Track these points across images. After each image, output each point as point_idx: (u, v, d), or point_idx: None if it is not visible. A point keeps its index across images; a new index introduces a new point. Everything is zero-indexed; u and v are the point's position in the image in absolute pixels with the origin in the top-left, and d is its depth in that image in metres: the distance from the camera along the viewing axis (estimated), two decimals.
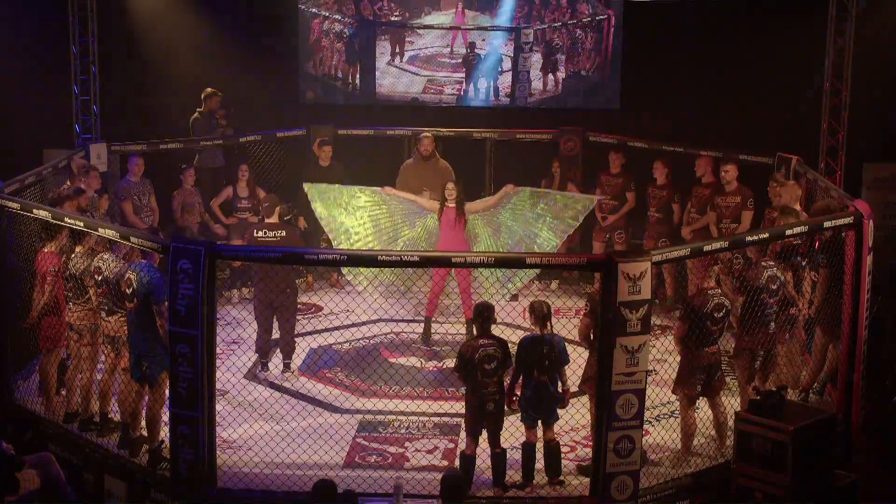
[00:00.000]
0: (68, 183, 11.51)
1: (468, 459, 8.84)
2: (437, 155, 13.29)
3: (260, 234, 10.94)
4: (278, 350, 11.12)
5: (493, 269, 10.85)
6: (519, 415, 8.97)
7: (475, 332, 9.00)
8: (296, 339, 11.14)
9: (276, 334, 11.11)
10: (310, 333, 11.91)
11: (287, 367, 11.01)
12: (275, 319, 10.97)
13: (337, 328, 12.28)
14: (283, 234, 10.93)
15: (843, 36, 14.08)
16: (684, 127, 14.47)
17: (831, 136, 14.35)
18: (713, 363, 9.23)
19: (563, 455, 9.01)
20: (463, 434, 9.23)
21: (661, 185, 12.84)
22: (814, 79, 14.45)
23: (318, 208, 11.69)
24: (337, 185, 11.96)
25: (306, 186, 11.88)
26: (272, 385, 10.78)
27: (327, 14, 15.95)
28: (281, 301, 10.84)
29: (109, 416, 9.67)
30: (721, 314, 9.16)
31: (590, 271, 11.78)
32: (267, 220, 11.08)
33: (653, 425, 9.68)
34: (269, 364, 11.01)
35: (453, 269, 11.31)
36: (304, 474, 8.87)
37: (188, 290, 8.31)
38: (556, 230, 11.40)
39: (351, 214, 11.70)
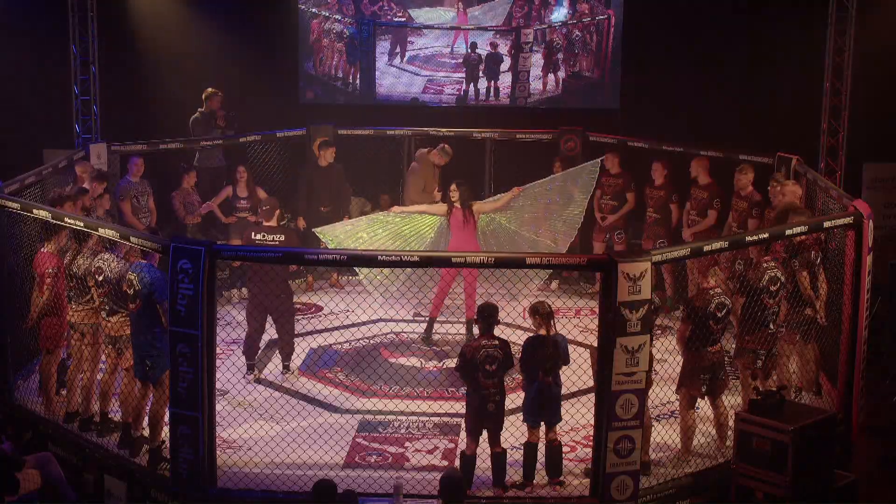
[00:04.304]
0: (72, 184, 11.52)
1: (468, 459, 8.84)
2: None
3: (258, 237, 10.91)
4: (278, 351, 11.12)
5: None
6: (519, 415, 8.97)
7: (478, 332, 8.99)
8: (296, 339, 11.13)
9: (274, 336, 11.11)
10: (310, 333, 11.91)
11: (287, 367, 11.01)
12: (271, 322, 10.94)
13: (337, 328, 12.28)
14: (282, 237, 10.89)
15: (843, 36, 14.09)
16: (684, 127, 14.47)
17: (831, 136, 14.36)
18: (716, 362, 9.24)
19: (563, 455, 9.00)
20: (463, 434, 9.23)
21: (658, 186, 12.83)
22: (813, 79, 14.45)
23: (333, 244, 11.62)
24: (346, 223, 11.85)
25: (319, 234, 11.68)
26: (272, 385, 10.78)
27: (327, 14, 15.96)
28: (276, 305, 10.81)
29: (109, 416, 9.67)
30: (723, 313, 9.17)
31: (590, 271, 11.92)
32: (265, 224, 11.06)
33: (653, 425, 9.66)
34: (256, 367, 10.95)
35: (462, 270, 11.33)
36: (304, 474, 8.86)
37: (188, 290, 8.31)
38: (571, 209, 11.65)
39: (366, 239, 11.61)
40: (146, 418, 9.20)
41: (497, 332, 8.95)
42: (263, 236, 10.89)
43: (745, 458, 8.55)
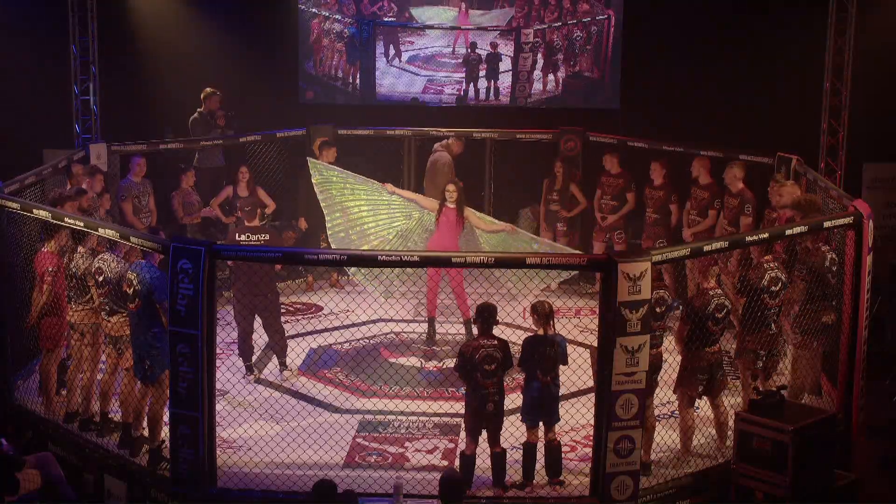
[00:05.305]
0: (69, 184, 11.51)
1: (468, 459, 8.84)
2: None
3: (242, 237, 10.89)
4: (273, 353, 11.12)
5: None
6: (519, 414, 8.97)
7: (476, 332, 8.99)
8: (293, 338, 11.14)
9: (265, 337, 11.10)
10: (310, 333, 11.91)
11: (283, 365, 11.00)
12: (259, 322, 10.93)
13: (337, 328, 12.27)
14: (266, 237, 10.88)
15: (843, 36, 14.09)
16: (684, 127, 14.48)
17: (831, 136, 14.36)
18: (714, 363, 9.24)
19: (563, 455, 9.00)
20: (463, 434, 9.23)
21: (657, 186, 12.82)
22: (813, 79, 14.45)
23: (318, 184, 11.75)
24: (340, 171, 11.96)
25: (310, 161, 11.94)
26: (272, 385, 10.77)
27: (327, 14, 15.97)
28: (262, 305, 10.79)
29: (109, 416, 9.67)
30: (722, 314, 9.16)
31: (590, 271, 11.91)
32: (248, 224, 11.05)
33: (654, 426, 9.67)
34: (255, 367, 10.95)
35: (446, 271, 11.30)
36: (304, 474, 8.86)
37: (188, 289, 8.31)
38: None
39: (347, 198, 11.69)
40: (146, 418, 9.20)
41: (497, 332, 8.96)
42: (248, 237, 10.88)
43: (745, 458, 8.56)
